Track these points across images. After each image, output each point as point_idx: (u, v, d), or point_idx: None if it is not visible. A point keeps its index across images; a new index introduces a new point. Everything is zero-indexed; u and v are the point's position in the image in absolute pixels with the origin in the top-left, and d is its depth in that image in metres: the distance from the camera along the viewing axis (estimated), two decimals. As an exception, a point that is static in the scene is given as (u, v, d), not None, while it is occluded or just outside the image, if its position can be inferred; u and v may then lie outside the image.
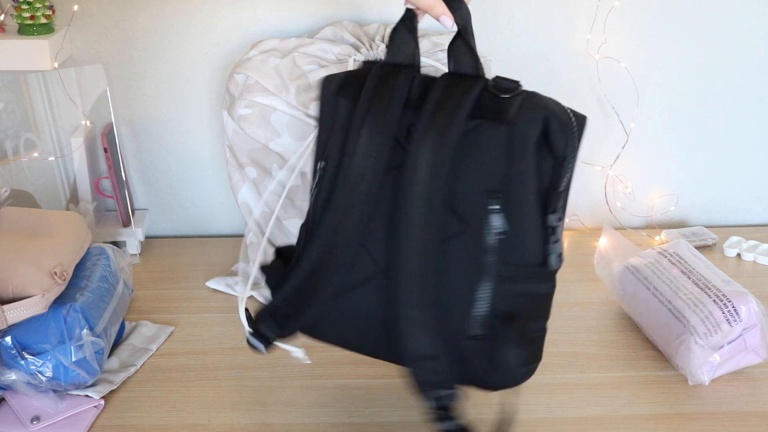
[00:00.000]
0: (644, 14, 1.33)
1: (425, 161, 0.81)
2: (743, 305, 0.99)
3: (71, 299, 0.97)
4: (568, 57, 1.35)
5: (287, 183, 1.09)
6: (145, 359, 1.06)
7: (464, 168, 0.81)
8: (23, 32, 1.21)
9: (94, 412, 0.96)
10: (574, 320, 1.14)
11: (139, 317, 1.15)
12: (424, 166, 0.80)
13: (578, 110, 0.84)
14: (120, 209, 1.32)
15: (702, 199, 1.46)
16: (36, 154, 1.29)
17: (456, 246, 0.82)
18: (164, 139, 1.38)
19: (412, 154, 0.81)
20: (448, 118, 0.81)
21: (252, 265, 1.24)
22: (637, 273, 1.11)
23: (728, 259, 1.33)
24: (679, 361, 1.01)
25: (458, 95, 0.82)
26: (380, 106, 0.84)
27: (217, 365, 1.06)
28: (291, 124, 1.11)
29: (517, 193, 0.81)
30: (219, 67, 1.33)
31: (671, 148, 1.42)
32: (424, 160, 0.81)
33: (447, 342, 0.82)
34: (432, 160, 0.80)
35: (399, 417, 0.96)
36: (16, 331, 0.95)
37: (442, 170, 0.80)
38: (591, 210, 1.43)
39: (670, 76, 1.38)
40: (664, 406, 0.98)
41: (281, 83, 1.10)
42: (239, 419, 0.96)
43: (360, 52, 1.13)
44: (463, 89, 0.82)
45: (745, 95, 1.40)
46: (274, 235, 1.17)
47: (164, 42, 1.32)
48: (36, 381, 0.95)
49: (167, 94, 1.35)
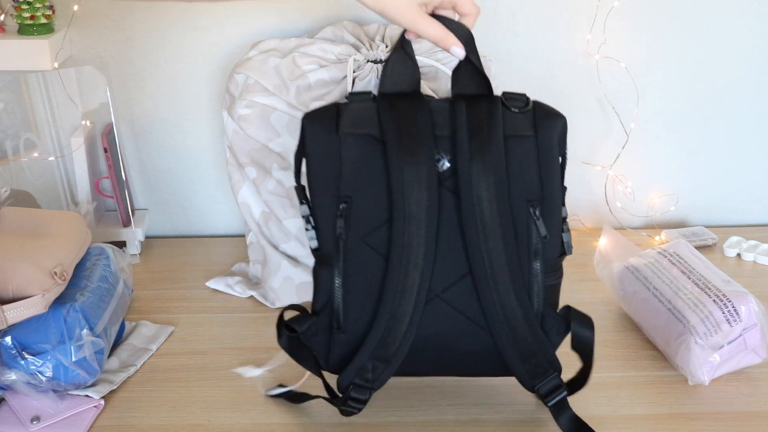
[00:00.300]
0: (644, 14, 1.33)
1: (485, 186, 0.85)
2: (743, 305, 0.99)
3: (71, 299, 0.97)
4: (568, 57, 1.35)
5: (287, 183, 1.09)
6: (145, 359, 1.06)
7: (510, 184, 0.87)
8: (23, 32, 1.21)
9: (94, 412, 0.96)
10: (574, 320, 1.14)
11: (139, 317, 1.15)
12: (485, 191, 0.85)
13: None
14: (120, 209, 1.32)
15: (702, 199, 1.46)
16: (36, 154, 1.29)
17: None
18: (164, 139, 1.38)
19: (467, 184, 0.85)
20: (488, 141, 0.85)
21: (252, 264, 1.24)
22: (637, 273, 1.11)
23: (728, 259, 1.33)
24: (679, 361, 1.01)
25: (486, 118, 0.86)
26: (412, 141, 0.85)
27: (217, 365, 1.06)
28: (291, 124, 1.11)
29: (551, 197, 0.88)
30: (219, 67, 1.33)
31: (671, 148, 1.42)
32: (483, 186, 0.85)
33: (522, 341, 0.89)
34: (492, 183, 0.85)
35: (399, 417, 0.96)
36: (16, 331, 0.94)
37: (504, 189, 0.85)
38: (591, 210, 1.43)
39: (670, 76, 1.38)
40: (664, 406, 0.98)
41: (281, 83, 1.10)
42: (239, 419, 0.96)
43: (360, 52, 1.13)
44: (486, 112, 0.86)
45: (745, 95, 1.40)
46: (274, 235, 1.17)
47: (164, 42, 1.32)
48: (36, 381, 0.95)
49: (167, 94, 1.35)
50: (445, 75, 1.12)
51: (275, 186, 1.15)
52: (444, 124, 0.87)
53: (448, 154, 0.86)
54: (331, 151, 0.87)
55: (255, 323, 1.15)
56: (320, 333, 0.90)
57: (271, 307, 1.18)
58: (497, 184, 0.85)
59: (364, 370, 0.88)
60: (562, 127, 0.89)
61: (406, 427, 0.95)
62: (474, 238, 0.85)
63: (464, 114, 0.86)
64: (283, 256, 1.17)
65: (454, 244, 0.87)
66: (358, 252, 0.87)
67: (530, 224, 0.87)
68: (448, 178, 0.86)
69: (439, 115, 0.87)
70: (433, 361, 0.91)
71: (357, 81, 1.09)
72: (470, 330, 0.88)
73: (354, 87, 1.09)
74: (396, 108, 0.87)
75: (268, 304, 1.19)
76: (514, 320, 0.87)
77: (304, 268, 1.17)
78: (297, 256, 1.17)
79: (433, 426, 0.95)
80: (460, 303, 0.88)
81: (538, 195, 0.87)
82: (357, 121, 0.87)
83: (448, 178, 0.86)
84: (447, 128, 0.87)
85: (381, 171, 0.86)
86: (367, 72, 1.10)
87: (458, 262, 0.87)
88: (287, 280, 1.17)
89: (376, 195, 0.86)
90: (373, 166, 0.86)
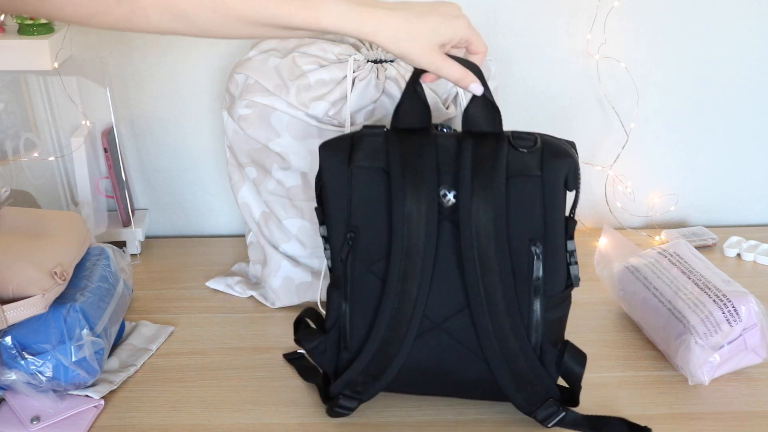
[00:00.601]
0: (644, 14, 1.33)
1: (484, 222, 0.86)
2: (743, 305, 0.99)
3: (71, 299, 0.97)
4: (568, 57, 1.35)
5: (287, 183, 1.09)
6: (145, 359, 1.06)
7: (510, 222, 0.88)
8: (23, 32, 1.21)
9: (94, 412, 0.96)
10: (574, 320, 1.13)
11: (139, 317, 1.15)
12: (484, 226, 0.86)
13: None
14: (120, 209, 1.32)
15: (702, 199, 1.46)
16: (36, 154, 1.29)
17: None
18: (164, 139, 1.38)
19: (467, 219, 0.86)
20: (490, 178, 0.87)
21: (252, 264, 1.24)
22: (637, 273, 1.11)
23: (728, 259, 1.33)
24: (679, 361, 1.01)
25: (490, 156, 0.87)
26: (415, 175, 0.88)
27: (217, 365, 1.06)
28: (291, 124, 1.11)
29: (553, 235, 0.89)
30: (219, 67, 1.33)
31: (671, 148, 1.42)
32: (483, 221, 0.86)
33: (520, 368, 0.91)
34: (491, 219, 0.86)
35: (399, 417, 0.96)
36: (16, 331, 0.94)
37: (504, 226, 0.87)
38: (591, 210, 1.43)
39: (670, 76, 1.38)
40: (664, 406, 0.98)
41: (281, 83, 1.10)
42: (239, 419, 0.96)
43: (360, 52, 1.13)
44: (492, 150, 0.88)
45: (745, 95, 1.40)
46: (274, 235, 1.17)
47: (164, 42, 1.32)
48: (36, 381, 0.95)
49: (167, 94, 1.35)
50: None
51: (275, 186, 1.15)
52: (450, 161, 0.89)
53: (453, 189, 0.88)
54: (343, 182, 0.91)
55: (255, 323, 1.15)
56: (329, 350, 0.95)
57: (271, 307, 1.18)
58: (497, 221, 0.86)
59: (354, 383, 0.93)
60: (573, 167, 0.89)
61: (406, 427, 0.95)
62: (472, 272, 0.87)
63: (470, 151, 0.88)
64: (283, 256, 1.17)
65: (455, 276, 0.89)
66: (364, 279, 0.91)
67: (531, 262, 0.88)
68: (452, 213, 0.88)
69: (446, 151, 0.89)
70: (432, 383, 0.95)
71: (357, 81, 1.09)
72: (469, 359, 0.92)
73: (354, 87, 1.09)
74: (404, 142, 0.90)
75: (268, 304, 1.19)
76: (509, 353, 0.90)
77: (304, 268, 1.17)
78: (297, 256, 1.17)
79: (433, 426, 0.95)
80: (459, 333, 0.91)
81: (541, 233, 0.88)
82: (368, 155, 0.90)
83: (452, 214, 0.88)
84: (452, 164, 0.88)
85: (387, 204, 0.89)
86: (367, 72, 1.10)
87: (459, 294, 0.90)
88: (287, 280, 1.17)
89: (382, 227, 0.90)
90: (381, 198, 0.89)
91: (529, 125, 1.38)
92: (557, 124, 1.38)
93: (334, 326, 0.94)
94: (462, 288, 0.89)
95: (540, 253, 0.88)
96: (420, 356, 0.92)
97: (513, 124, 1.38)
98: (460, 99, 1.12)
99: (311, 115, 1.10)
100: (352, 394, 0.93)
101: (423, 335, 0.91)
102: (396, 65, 1.12)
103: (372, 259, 0.90)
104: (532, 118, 1.38)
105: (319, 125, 1.11)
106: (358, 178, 0.90)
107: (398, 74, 1.11)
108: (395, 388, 0.96)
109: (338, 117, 1.10)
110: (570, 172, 0.88)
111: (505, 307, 0.88)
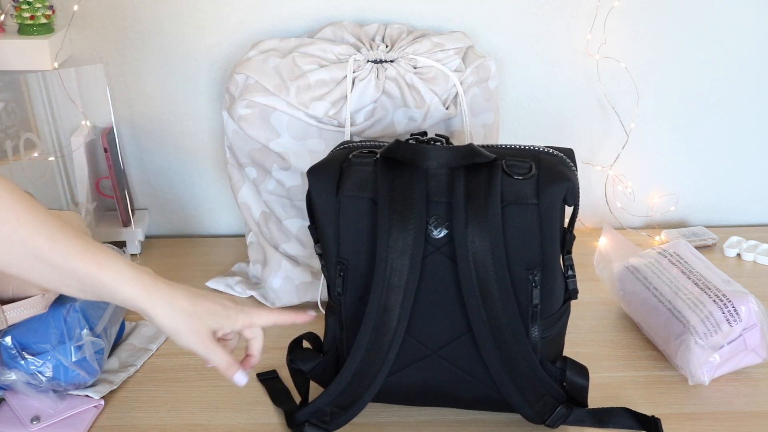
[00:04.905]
0: (644, 14, 1.33)
1: (481, 251, 0.84)
2: (743, 305, 0.99)
3: (71, 299, 0.97)
4: (568, 57, 1.35)
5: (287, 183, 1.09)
6: (145, 359, 1.06)
7: (508, 250, 0.86)
8: (23, 32, 1.21)
9: (94, 412, 0.96)
10: (574, 320, 1.13)
11: (139, 317, 1.15)
12: (481, 255, 0.84)
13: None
14: (120, 209, 1.32)
15: (702, 199, 1.46)
16: (36, 154, 1.29)
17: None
18: (164, 139, 1.38)
19: (462, 249, 0.85)
20: (485, 207, 0.85)
21: (252, 264, 1.24)
22: (637, 273, 1.11)
23: (728, 259, 1.33)
24: (679, 361, 1.01)
25: (484, 184, 0.85)
26: (403, 204, 0.86)
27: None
28: (291, 124, 1.11)
29: (551, 260, 0.88)
30: (219, 67, 1.33)
31: (671, 148, 1.42)
32: (479, 250, 0.84)
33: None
34: (488, 247, 0.84)
35: (399, 417, 0.96)
36: (16, 331, 0.94)
37: (501, 254, 0.85)
38: (591, 210, 1.43)
39: (670, 76, 1.38)
40: (664, 406, 0.98)
41: (281, 83, 1.10)
42: (239, 419, 0.96)
43: (360, 52, 1.13)
44: (485, 177, 0.86)
45: (745, 95, 1.40)
46: (274, 235, 1.17)
47: (164, 42, 1.32)
48: (36, 381, 0.95)
49: (167, 94, 1.35)
50: (444, 75, 1.12)
51: (275, 186, 1.15)
52: (441, 190, 0.87)
53: (445, 220, 0.86)
54: (331, 213, 0.89)
55: (255, 323, 1.15)
56: (327, 372, 0.95)
57: (271, 308, 1.18)
58: (494, 249, 0.85)
59: (322, 413, 0.92)
60: (570, 189, 0.87)
61: (406, 427, 0.95)
62: (473, 302, 0.86)
63: (462, 179, 0.86)
64: (283, 256, 1.17)
65: (450, 307, 0.88)
66: (356, 309, 0.90)
67: (529, 289, 0.87)
68: (445, 244, 0.87)
69: (437, 181, 0.87)
70: (430, 401, 0.96)
71: (357, 81, 1.10)
72: (468, 382, 0.92)
73: (354, 87, 1.09)
74: (393, 172, 0.87)
75: (268, 304, 1.19)
76: (519, 377, 0.89)
77: (304, 268, 1.17)
78: (297, 256, 1.17)
79: (433, 426, 0.95)
80: (457, 360, 0.90)
81: (539, 261, 0.87)
82: (357, 184, 0.89)
83: (445, 245, 0.87)
84: (444, 194, 0.87)
85: (374, 235, 0.88)
86: (367, 72, 1.10)
87: (455, 322, 0.89)
88: (287, 280, 1.17)
89: (371, 259, 0.88)
90: (369, 229, 0.88)
91: (529, 125, 1.39)
92: (557, 124, 1.38)
93: (331, 348, 0.95)
94: (461, 315, 0.88)
95: (538, 281, 0.87)
96: (416, 381, 0.92)
97: (513, 124, 1.39)
98: (460, 99, 1.12)
99: (311, 115, 1.10)
100: (319, 423, 0.92)
101: (418, 362, 0.91)
102: (396, 65, 1.12)
103: (363, 291, 0.89)
104: (532, 118, 1.38)
105: (319, 125, 1.11)
106: (347, 208, 0.88)
107: (398, 74, 1.11)
108: (392, 402, 0.96)
109: (338, 117, 1.10)
110: (568, 194, 0.87)
111: (511, 333, 0.87)
